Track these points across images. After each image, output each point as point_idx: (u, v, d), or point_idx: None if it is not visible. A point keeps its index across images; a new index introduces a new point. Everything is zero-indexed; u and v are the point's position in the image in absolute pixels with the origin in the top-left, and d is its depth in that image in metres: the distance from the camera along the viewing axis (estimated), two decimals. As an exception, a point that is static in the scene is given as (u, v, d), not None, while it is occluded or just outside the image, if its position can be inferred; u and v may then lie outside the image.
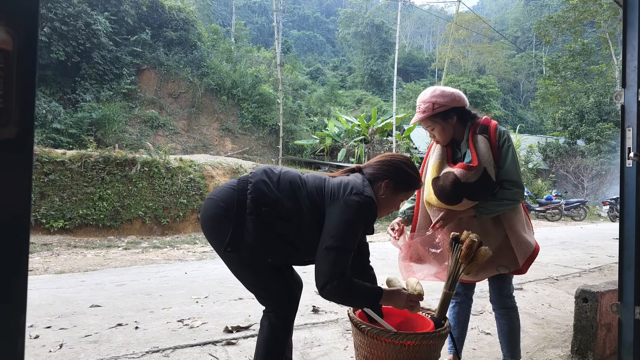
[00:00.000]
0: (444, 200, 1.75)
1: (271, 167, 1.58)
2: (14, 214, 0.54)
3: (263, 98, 22.18)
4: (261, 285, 1.54)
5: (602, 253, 6.28)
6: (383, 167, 1.61)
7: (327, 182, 1.53)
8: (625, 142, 1.43)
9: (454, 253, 1.69)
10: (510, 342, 1.96)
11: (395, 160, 1.62)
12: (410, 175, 1.62)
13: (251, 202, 1.44)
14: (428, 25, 61.83)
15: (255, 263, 1.50)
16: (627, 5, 1.45)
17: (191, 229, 8.25)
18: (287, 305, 1.55)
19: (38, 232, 6.75)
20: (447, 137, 1.84)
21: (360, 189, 1.46)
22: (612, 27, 22.85)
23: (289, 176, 1.53)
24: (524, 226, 1.84)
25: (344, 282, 1.38)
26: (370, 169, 1.62)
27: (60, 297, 3.41)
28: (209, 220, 1.50)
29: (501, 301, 1.94)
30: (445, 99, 1.77)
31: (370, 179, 1.57)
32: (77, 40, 16.18)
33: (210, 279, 4.18)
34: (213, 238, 1.50)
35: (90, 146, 8.65)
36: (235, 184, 1.53)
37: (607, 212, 14.39)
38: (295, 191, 1.49)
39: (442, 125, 1.80)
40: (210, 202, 1.52)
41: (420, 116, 1.81)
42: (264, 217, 1.44)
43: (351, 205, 1.42)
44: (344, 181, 1.51)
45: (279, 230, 1.46)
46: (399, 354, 1.45)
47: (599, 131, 22.23)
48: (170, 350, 2.31)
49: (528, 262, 1.82)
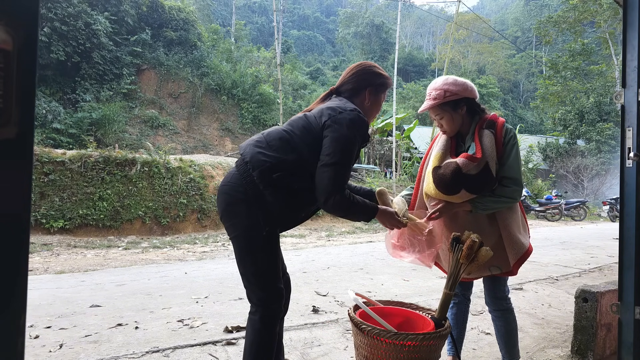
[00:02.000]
0: (442, 189, 1.73)
1: (255, 137, 1.61)
2: (14, 214, 0.54)
3: (263, 98, 22.19)
4: (261, 271, 1.52)
5: (602, 253, 6.28)
6: (359, 77, 1.69)
7: (309, 117, 1.58)
8: (625, 142, 1.43)
9: (454, 253, 1.68)
10: (508, 343, 1.95)
11: (367, 67, 1.71)
12: (383, 75, 1.72)
13: (259, 178, 1.47)
14: (428, 25, 61.84)
15: (274, 241, 1.54)
16: (627, 5, 1.45)
17: (191, 229, 8.25)
18: (274, 300, 1.54)
19: (38, 232, 6.75)
20: (455, 127, 1.81)
21: (343, 106, 1.56)
22: (612, 27, 22.84)
23: (274, 134, 1.56)
24: (519, 227, 1.83)
25: (345, 196, 1.47)
26: (348, 85, 1.70)
27: (60, 297, 3.41)
28: (228, 205, 1.53)
29: (495, 303, 1.92)
30: (457, 88, 1.76)
31: (352, 94, 1.67)
32: (77, 40, 16.19)
33: (210, 279, 4.18)
34: (234, 222, 1.52)
35: (90, 146, 8.65)
36: (235, 170, 1.57)
37: (607, 212, 14.39)
38: (289, 143, 1.52)
39: (451, 114, 1.78)
40: (225, 189, 1.56)
41: (430, 103, 1.78)
42: (278, 183, 1.47)
43: (341, 122, 1.49)
44: (325, 107, 1.58)
45: (295, 186, 1.50)
46: (399, 354, 1.45)
47: (599, 131, 22.23)
48: (170, 350, 2.31)
49: (519, 263, 1.80)
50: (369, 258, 5.57)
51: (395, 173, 15.39)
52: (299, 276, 4.25)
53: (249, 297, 1.57)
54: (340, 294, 3.61)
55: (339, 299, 3.46)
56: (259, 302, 1.54)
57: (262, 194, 1.49)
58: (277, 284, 1.55)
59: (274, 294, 1.54)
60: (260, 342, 1.53)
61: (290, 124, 1.60)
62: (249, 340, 1.55)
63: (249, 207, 1.50)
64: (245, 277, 1.55)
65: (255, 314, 1.55)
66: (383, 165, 18.22)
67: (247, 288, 1.57)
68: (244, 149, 1.56)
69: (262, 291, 1.53)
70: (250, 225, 1.50)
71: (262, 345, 1.53)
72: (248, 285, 1.56)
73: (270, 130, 1.61)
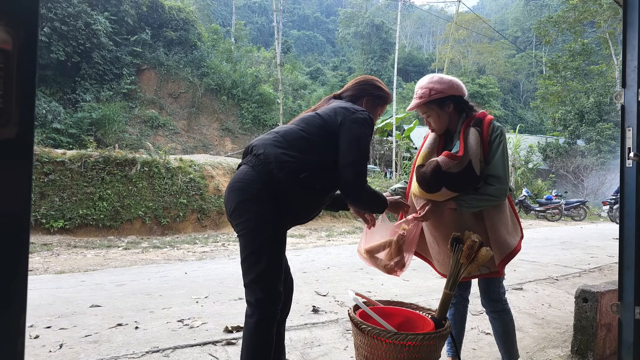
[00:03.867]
0: (423, 187, 1.73)
1: (268, 136, 1.60)
2: (14, 214, 0.54)
3: (263, 98, 22.19)
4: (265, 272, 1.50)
5: (602, 253, 6.28)
6: (360, 87, 1.79)
7: (324, 117, 1.62)
8: (625, 142, 1.43)
9: (454, 254, 1.68)
10: (506, 343, 1.94)
11: (369, 79, 1.82)
12: (383, 89, 1.82)
13: (287, 178, 1.49)
14: (428, 25, 61.84)
15: (282, 242, 1.56)
16: (627, 5, 1.45)
17: (191, 229, 8.25)
18: (272, 302, 1.52)
19: (38, 232, 6.75)
20: (443, 125, 1.81)
21: (354, 107, 1.65)
22: (612, 27, 22.83)
23: (293, 134, 1.58)
24: (507, 226, 1.80)
25: (370, 189, 1.59)
26: (349, 92, 1.80)
27: (60, 297, 3.41)
28: (240, 202, 1.51)
29: (491, 305, 1.91)
30: (442, 86, 1.75)
31: (351, 100, 1.76)
32: (77, 40, 16.19)
33: (210, 279, 4.18)
34: (246, 218, 1.50)
35: (90, 146, 8.65)
36: (251, 168, 1.54)
37: (607, 212, 14.39)
38: (309, 142, 1.56)
39: (437, 112, 1.78)
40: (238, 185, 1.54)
41: (416, 102, 1.78)
42: (305, 184, 1.52)
43: (358, 121, 1.58)
44: (337, 107, 1.64)
45: (318, 185, 1.56)
46: (400, 354, 1.45)
47: (599, 131, 22.23)
48: (170, 350, 2.31)
49: (503, 263, 1.77)
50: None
51: (395, 173, 15.40)
52: (299, 276, 4.25)
53: (247, 299, 1.54)
54: (340, 294, 3.61)
55: (339, 299, 3.46)
56: (257, 304, 1.51)
57: (284, 194, 1.51)
58: (277, 286, 1.53)
59: (273, 297, 1.52)
60: (257, 346, 1.50)
61: (305, 123, 1.61)
62: (245, 345, 1.53)
63: (264, 206, 1.50)
64: (248, 276, 1.53)
65: (252, 317, 1.52)
66: (383, 165, 18.23)
67: (248, 288, 1.54)
68: (263, 149, 1.54)
69: (262, 292, 1.51)
70: (262, 223, 1.50)
71: (258, 350, 1.50)
72: (249, 285, 1.53)
73: (286, 130, 1.60)
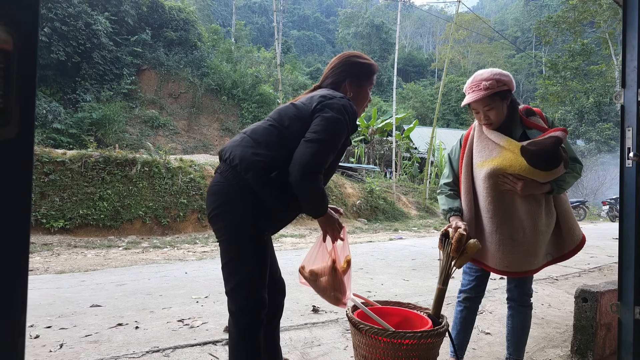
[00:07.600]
0: (542, 164, 1.66)
1: (235, 138, 1.52)
2: (14, 214, 0.54)
3: (263, 98, 22.18)
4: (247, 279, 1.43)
5: (602, 253, 6.28)
6: (338, 70, 1.65)
7: (298, 105, 1.52)
8: (625, 142, 1.43)
9: (444, 248, 1.72)
10: (521, 340, 1.97)
11: (344, 60, 1.66)
12: (364, 63, 1.67)
13: (254, 179, 1.38)
14: (428, 25, 61.85)
15: (265, 246, 1.46)
16: (627, 5, 1.45)
17: (191, 228, 8.25)
18: (256, 310, 1.44)
19: (38, 232, 6.75)
20: (501, 118, 1.79)
21: (333, 93, 1.53)
22: (612, 27, 22.83)
23: (260, 130, 1.48)
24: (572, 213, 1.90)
25: (320, 179, 1.40)
26: (329, 79, 1.66)
27: (60, 297, 3.41)
28: (217, 207, 1.45)
29: (522, 299, 1.94)
30: (507, 78, 1.76)
31: (334, 88, 1.62)
32: (77, 40, 16.19)
33: (210, 278, 4.18)
34: (224, 224, 1.44)
35: (91, 146, 8.65)
36: (219, 175, 1.47)
37: (607, 212, 14.38)
38: (279, 136, 1.45)
39: (500, 105, 1.77)
40: (215, 189, 1.47)
41: (483, 93, 1.72)
42: (276, 183, 1.39)
43: (332, 106, 1.45)
44: (315, 94, 1.55)
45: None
46: (398, 353, 1.45)
47: (599, 131, 22.24)
48: (170, 350, 2.31)
49: (576, 250, 1.85)
50: (369, 258, 5.57)
51: (395, 173, 15.39)
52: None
53: (229, 307, 1.46)
54: (340, 294, 3.61)
55: (339, 299, 3.46)
56: (240, 312, 1.43)
57: (257, 196, 1.40)
58: (262, 293, 1.45)
59: (257, 304, 1.44)
60: (244, 357, 1.44)
61: (277, 114, 1.52)
62: (231, 356, 1.46)
63: (238, 211, 1.41)
64: (229, 284, 1.45)
65: (235, 326, 1.44)
66: (383, 165, 18.23)
67: (229, 296, 1.46)
68: (229, 152, 1.46)
69: (245, 300, 1.43)
70: (238, 229, 1.42)
71: (240, 350, 1.44)
72: (231, 293, 1.45)
73: (254, 128, 1.52)
